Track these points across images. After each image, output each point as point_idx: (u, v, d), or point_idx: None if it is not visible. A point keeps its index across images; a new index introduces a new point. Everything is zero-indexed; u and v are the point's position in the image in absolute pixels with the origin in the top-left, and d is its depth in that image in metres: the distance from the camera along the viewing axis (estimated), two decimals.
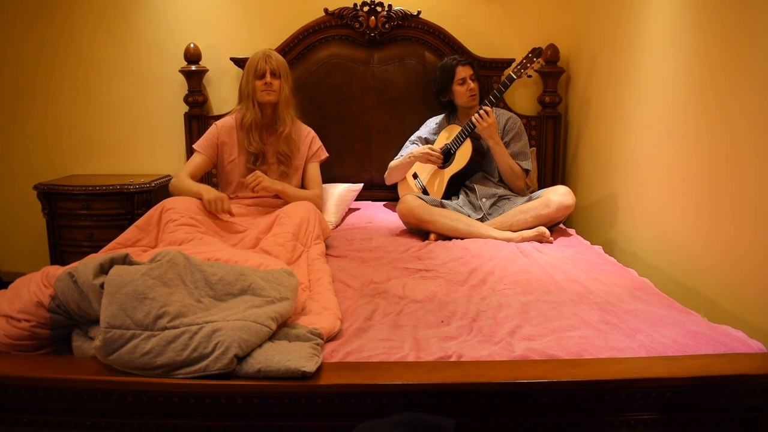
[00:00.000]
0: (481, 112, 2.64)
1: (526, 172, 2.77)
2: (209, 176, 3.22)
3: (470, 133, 2.73)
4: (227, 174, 2.61)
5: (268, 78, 2.47)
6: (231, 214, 2.31)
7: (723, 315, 1.85)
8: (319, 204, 2.61)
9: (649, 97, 2.37)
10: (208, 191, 2.30)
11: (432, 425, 1.12)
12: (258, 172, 2.43)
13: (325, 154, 2.74)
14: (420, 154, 2.77)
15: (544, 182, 3.21)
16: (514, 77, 2.68)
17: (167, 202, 2.19)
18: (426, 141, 2.95)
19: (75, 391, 1.34)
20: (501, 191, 2.77)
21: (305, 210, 2.28)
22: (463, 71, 2.82)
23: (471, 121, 2.69)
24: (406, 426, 1.11)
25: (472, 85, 2.81)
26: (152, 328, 1.32)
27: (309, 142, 2.67)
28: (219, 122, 2.62)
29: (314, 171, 2.68)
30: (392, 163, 2.97)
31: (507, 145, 2.77)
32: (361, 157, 3.23)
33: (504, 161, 2.70)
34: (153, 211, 2.16)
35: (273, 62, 2.48)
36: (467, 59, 2.86)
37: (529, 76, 2.80)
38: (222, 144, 2.57)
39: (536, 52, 2.69)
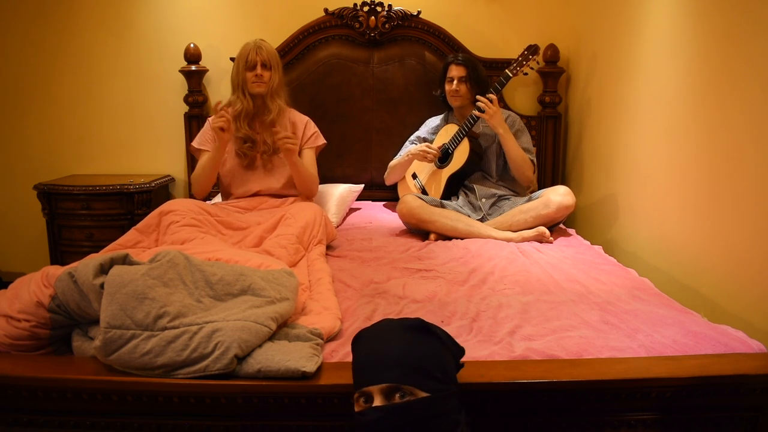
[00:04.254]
0: (484, 100, 2.60)
1: (533, 164, 2.77)
2: None
3: (468, 132, 2.73)
4: (221, 169, 2.60)
5: (258, 70, 2.48)
6: (225, 108, 2.33)
7: (723, 315, 1.85)
8: (316, 186, 2.63)
9: (649, 97, 2.37)
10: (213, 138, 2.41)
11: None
12: (295, 137, 2.42)
13: (321, 141, 2.71)
14: (417, 152, 2.77)
15: (544, 182, 3.21)
16: (510, 75, 2.67)
17: (167, 206, 2.19)
18: (425, 141, 2.95)
19: (75, 391, 1.34)
20: (500, 191, 2.77)
21: (311, 213, 2.28)
22: (454, 70, 2.81)
23: (472, 116, 2.68)
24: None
25: (456, 86, 2.78)
26: (152, 328, 1.32)
27: (303, 127, 2.66)
28: (211, 118, 2.62)
29: (309, 158, 2.64)
30: (392, 163, 2.97)
31: None
32: (361, 157, 3.23)
33: (514, 150, 2.67)
34: (153, 215, 2.17)
35: (264, 53, 2.49)
36: (465, 61, 2.82)
37: (525, 74, 2.79)
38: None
39: (532, 49, 2.69)
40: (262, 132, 2.55)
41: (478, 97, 2.63)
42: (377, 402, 1.10)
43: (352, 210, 3.06)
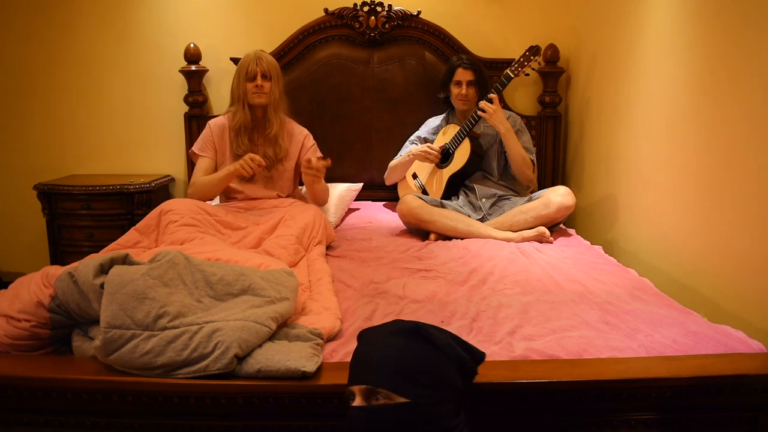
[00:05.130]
0: (484, 101, 2.61)
1: (533, 163, 2.76)
2: None
3: (469, 132, 2.73)
4: None
5: (259, 80, 2.45)
6: (262, 164, 2.37)
7: (723, 315, 1.85)
8: (327, 196, 2.64)
9: (649, 97, 2.37)
10: (232, 165, 2.40)
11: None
12: (322, 172, 2.44)
13: (318, 154, 2.68)
14: (418, 152, 2.77)
15: (544, 182, 3.21)
16: (512, 76, 2.67)
17: (166, 205, 2.19)
18: (425, 141, 2.95)
19: (75, 391, 1.34)
20: (501, 191, 2.76)
21: (311, 214, 2.28)
22: (461, 74, 2.80)
23: (473, 117, 2.68)
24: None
25: (465, 90, 2.78)
26: (152, 328, 1.32)
27: (302, 141, 2.64)
28: (212, 122, 2.62)
29: None
30: (392, 163, 2.97)
31: None
32: (361, 157, 3.23)
33: (515, 149, 2.67)
34: (152, 214, 2.17)
35: (264, 64, 2.47)
36: (472, 64, 2.81)
37: (527, 74, 2.79)
38: (217, 145, 2.57)
39: (533, 50, 2.69)
40: (263, 145, 2.53)
41: (488, 96, 2.63)
42: (357, 402, 1.12)
43: (352, 210, 3.06)
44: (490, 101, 2.61)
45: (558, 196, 2.51)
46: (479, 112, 2.64)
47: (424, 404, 1.10)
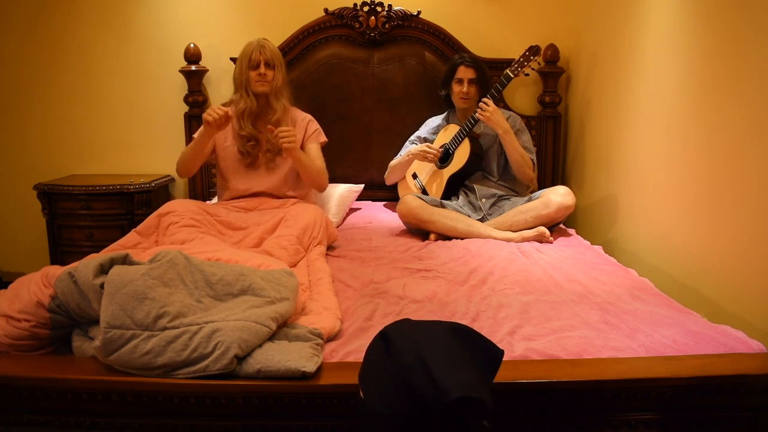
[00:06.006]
0: (481, 104, 2.63)
1: (533, 163, 2.76)
2: (210, 178, 3.22)
3: (468, 132, 2.73)
4: (222, 166, 2.60)
5: (262, 69, 2.47)
6: (226, 111, 2.32)
7: (723, 315, 1.85)
8: (324, 179, 2.58)
9: (649, 97, 2.37)
10: (202, 125, 2.38)
11: (484, 344, 1.19)
12: (293, 131, 2.34)
13: (324, 138, 2.67)
14: (417, 152, 2.77)
15: (544, 182, 3.21)
16: (512, 76, 2.67)
17: (166, 207, 2.19)
18: (425, 141, 2.95)
19: (75, 391, 1.34)
20: (501, 191, 2.77)
21: (312, 215, 2.28)
22: (463, 71, 2.80)
23: (472, 117, 2.68)
24: (460, 333, 1.18)
25: (466, 88, 2.78)
26: (152, 328, 1.32)
27: (305, 126, 2.63)
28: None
29: (314, 150, 2.59)
30: (392, 163, 2.97)
31: None
32: (361, 157, 3.23)
33: (514, 149, 2.67)
34: (152, 216, 2.18)
35: (267, 53, 2.48)
36: (474, 63, 2.81)
37: (527, 75, 2.79)
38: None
39: (533, 50, 2.69)
40: (266, 131, 2.54)
41: (483, 99, 2.63)
42: None
43: (352, 210, 3.07)
44: (486, 103, 2.61)
45: (558, 196, 2.51)
46: (477, 116, 2.64)
47: (362, 409, 1.10)
